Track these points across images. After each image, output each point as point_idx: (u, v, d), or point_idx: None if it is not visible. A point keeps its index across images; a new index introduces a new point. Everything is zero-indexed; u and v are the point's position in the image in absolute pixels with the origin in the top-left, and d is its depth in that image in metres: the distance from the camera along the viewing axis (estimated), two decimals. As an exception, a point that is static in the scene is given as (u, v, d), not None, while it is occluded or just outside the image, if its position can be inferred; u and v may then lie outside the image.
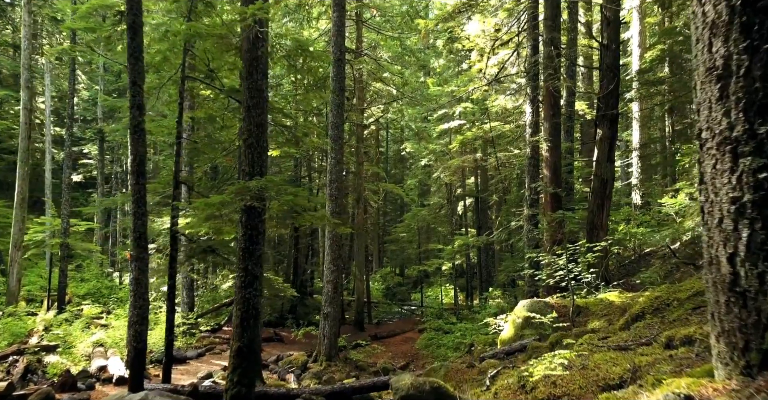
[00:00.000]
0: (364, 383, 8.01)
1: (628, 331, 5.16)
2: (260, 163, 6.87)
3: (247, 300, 6.62)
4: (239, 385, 6.38)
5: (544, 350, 6.77)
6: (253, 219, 6.72)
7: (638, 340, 4.29)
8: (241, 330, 6.56)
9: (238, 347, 6.51)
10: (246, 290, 6.65)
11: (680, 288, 5.46)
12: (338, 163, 14.22)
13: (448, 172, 24.33)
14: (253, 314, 6.63)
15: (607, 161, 11.90)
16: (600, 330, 6.47)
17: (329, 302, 14.01)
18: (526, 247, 12.98)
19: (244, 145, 6.88)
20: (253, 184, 6.28)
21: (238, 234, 6.83)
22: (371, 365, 14.73)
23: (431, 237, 32.79)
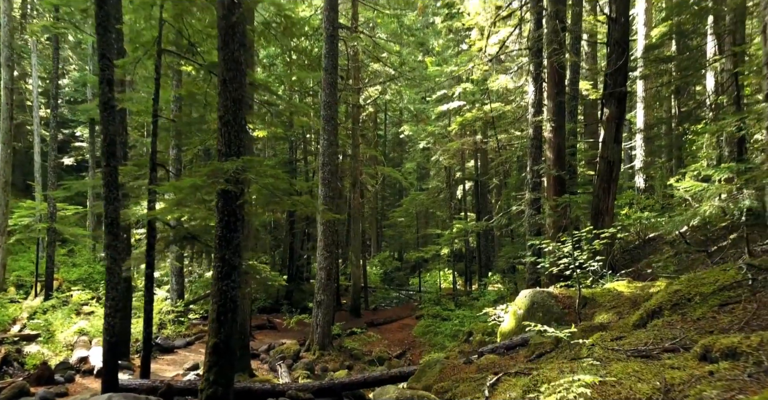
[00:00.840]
0: (354, 378, 7.50)
1: (644, 330, 4.59)
2: (237, 142, 6.24)
3: (224, 293, 6.06)
4: (215, 385, 5.85)
5: (547, 347, 6.24)
6: (230, 204, 6.12)
7: (660, 343, 3.73)
8: (217, 325, 6.01)
9: (214, 344, 5.96)
10: (223, 281, 6.08)
11: (702, 281, 4.89)
12: (331, 144, 13.58)
13: (447, 156, 23.66)
14: (230, 308, 6.07)
15: (614, 142, 11.27)
16: (610, 326, 5.91)
17: (323, 289, 13.49)
18: (528, 232, 12.41)
19: (220, 123, 6.25)
20: (228, 166, 5.67)
21: (215, 220, 6.24)
22: (366, 353, 14.28)
23: (430, 222, 32.25)
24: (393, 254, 37.28)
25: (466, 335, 14.58)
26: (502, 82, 17.50)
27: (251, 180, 5.76)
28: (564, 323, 7.36)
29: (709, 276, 4.95)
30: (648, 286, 7.45)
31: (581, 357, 3.74)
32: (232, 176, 5.84)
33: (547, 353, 6.10)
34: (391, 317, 19.98)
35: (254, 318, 18.83)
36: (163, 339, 12.97)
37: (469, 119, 19.74)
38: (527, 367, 4.83)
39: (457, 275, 27.30)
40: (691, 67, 17.53)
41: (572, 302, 7.60)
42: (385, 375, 7.35)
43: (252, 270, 8.70)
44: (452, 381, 5.93)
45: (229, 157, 6.04)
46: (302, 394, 7.25)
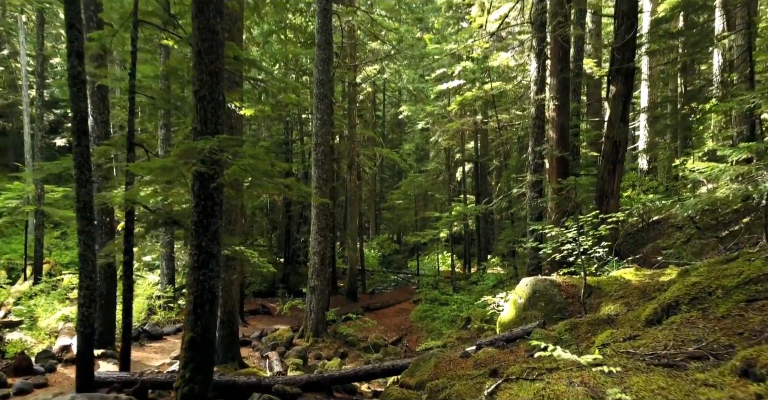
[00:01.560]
0: (345, 372, 7.09)
1: (659, 327, 4.13)
2: (214, 119, 5.71)
3: (201, 283, 5.59)
4: (192, 382, 5.42)
5: (551, 340, 5.78)
6: (206, 187, 5.62)
7: (682, 347, 3.26)
8: (194, 318, 5.55)
9: (190, 339, 5.52)
10: (200, 271, 5.61)
11: (724, 272, 4.41)
12: (324, 124, 13.02)
13: (447, 136, 23.07)
14: (208, 299, 5.61)
15: (621, 121, 10.71)
16: (619, 319, 5.46)
17: (316, 274, 13.07)
18: (529, 216, 11.93)
19: (195, 99, 5.71)
20: (201, 145, 5.15)
21: (191, 205, 5.75)
22: (362, 339, 13.92)
23: (428, 204, 31.78)
24: (392, 237, 36.88)
25: (464, 322, 14.23)
26: (503, 60, 16.85)
27: (228, 161, 5.24)
28: (567, 313, 6.92)
29: (731, 267, 4.47)
30: (657, 274, 6.98)
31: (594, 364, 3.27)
32: (207, 157, 5.32)
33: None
34: (389, 301, 19.62)
35: (248, 303, 18.50)
36: (151, 326, 12.58)
37: (468, 99, 19.13)
38: (529, 367, 4.38)
39: (455, 258, 26.94)
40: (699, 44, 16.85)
41: (576, 291, 7.15)
42: (377, 369, 6.94)
43: (240, 256, 8.23)
44: (447, 379, 5.49)
45: (205, 136, 5.52)
46: (290, 388, 6.84)
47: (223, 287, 10.09)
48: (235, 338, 10.22)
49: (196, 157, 5.25)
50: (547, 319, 6.97)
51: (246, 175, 5.58)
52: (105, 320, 10.85)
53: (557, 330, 5.85)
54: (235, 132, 10.17)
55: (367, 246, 31.54)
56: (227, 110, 10.01)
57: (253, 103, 9.32)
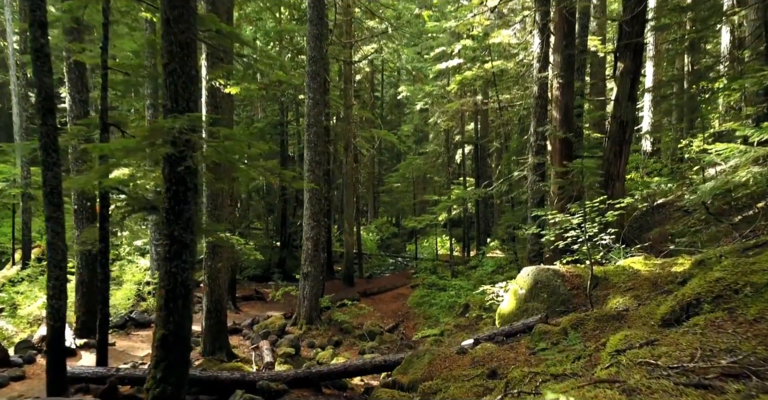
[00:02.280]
0: (334, 367, 6.66)
1: (679, 329, 3.65)
2: (186, 96, 5.16)
3: (173, 276, 5.11)
4: (164, 383, 4.98)
5: (554, 337, 5.33)
6: (178, 171, 5.10)
7: (712, 359, 2.79)
8: (166, 314, 5.08)
9: (162, 336, 5.06)
10: (172, 262, 5.12)
11: (752, 267, 3.93)
12: (317, 104, 12.43)
13: (446, 117, 22.44)
14: (181, 294, 5.13)
15: (628, 100, 10.16)
16: (629, 315, 4.99)
17: (309, 260, 12.62)
18: (530, 200, 11.43)
19: (164, 73, 5.16)
20: (170, 124, 4.62)
21: (162, 190, 5.24)
22: (357, 327, 13.53)
23: (427, 187, 31.25)
24: (390, 220, 36.43)
25: (462, 308, 13.82)
26: (504, 37, 16.16)
27: (200, 142, 4.72)
28: (571, 306, 6.46)
29: (760, 261, 3.99)
30: (669, 263, 6.51)
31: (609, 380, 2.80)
32: (176, 137, 4.80)
33: (554, 344, 5.21)
34: (386, 286, 19.22)
35: (242, 289, 18.11)
36: (138, 313, 12.17)
37: (468, 78, 18.46)
38: (532, 372, 3.92)
39: (454, 242, 26.50)
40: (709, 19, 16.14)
41: (581, 281, 6.69)
42: (367, 364, 6.51)
43: (225, 244, 7.75)
44: (442, 380, 5.05)
45: (177, 114, 4.98)
46: (275, 385, 6.42)
47: (210, 275, 9.65)
48: (223, 328, 9.81)
49: (164, 137, 4.72)
50: (549, 311, 6.52)
51: (219, 157, 5.06)
52: (88, 309, 10.44)
53: (562, 326, 5.39)
54: (220, 111, 9.62)
55: (365, 229, 31.11)
56: (212, 88, 9.45)
57: (238, 81, 8.72)
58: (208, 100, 9.48)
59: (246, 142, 5.01)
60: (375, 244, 29.98)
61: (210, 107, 9.50)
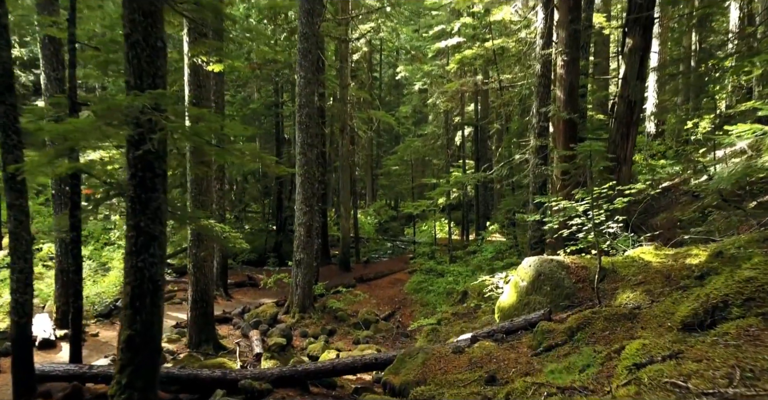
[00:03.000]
0: (321, 365, 6.22)
1: (707, 339, 3.18)
2: (151, 71, 4.62)
3: (140, 271, 4.63)
4: (130, 389, 4.53)
5: (559, 337, 4.87)
6: (145, 155, 4.59)
7: (756, 384, 2.33)
8: (131, 313, 4.61)
9: (128, 337, 4.59)
10: (138, 256, 4.64)
11: (787, 265, 3.45)
12: (309, 83, 11.84)
13: (445, 98, 21.79)
14: (149, 290, 4.66)
15: (637, 79, 9.60)
16: (642, 315, 4.52)
17: (302, 247, 12.16)
18: (532, 185, 10.93)
19: (126, 45, 4.61)
20: (129, 102, 4.09)
21: (126, 176, 4.73)
22: (352, 315, 13.14)
23: (426, 170, 30.68)
24: (389, 203, 35.93)
25: (460, 296, 13.40)
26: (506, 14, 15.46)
27: (162, 123, 4.19)
28: (577, 301, 6.00)
29: (797, 258, 3.50)
30: (682, 254, 6.03)
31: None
32: (138, 118, 4.27)
33: (559, 345, 4.76)
34: (383, 271, 18.81)
35: (235, 275, 17.71)
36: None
37: (468, 57, 17.77)
38: (536, 383, 3.46)
39: (453, 225, 26.03)
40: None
41: (587, 273, 6.21)
42: (357, 362, 6.08)
43: (207, 232, 7.26)
44: (436, 384, 4.61)
45: (140, 91, 4.44)
46: (258, 384, 5.99)
47: (195, 264, 9.21)
48: (210, 318, 9.39)
49: (123, 117, 4.19)
50: (553, 306, 6.07)
51: (187, 140, 4.54)
52: (68, 298, 9.98)
53: (567, 325, 4.93)
54: (204, 91, 9.06)
55: (363, 213, 30.63)
56: (194, 66, 8.88)
57: (222, 58, 8.14)
58: (191, 78, 8.92)
59: (219, 123, 4.49)
60: (373, 228, 29.53)
61: (193, 86, 8.94)
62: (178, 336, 9.62)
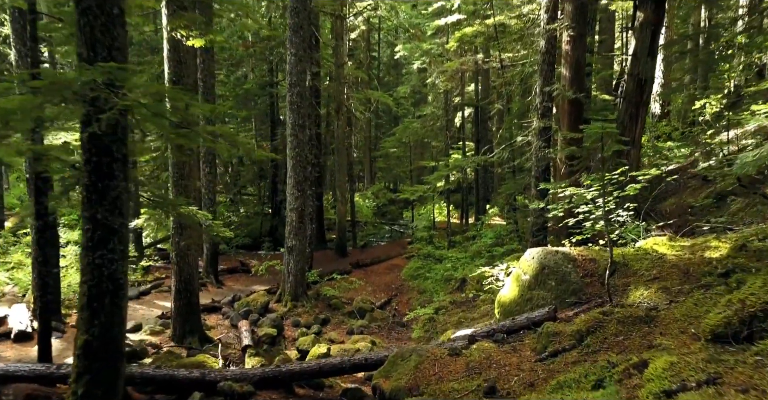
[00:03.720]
0: (307, 366, 5.76)
1: (748, 358, 2.68)
2: (107, 41, 4.04)
3: (97, 268, 4.13)
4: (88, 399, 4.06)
5: (566, 341, 4.39)
6: (100, 138, 4.04)
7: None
8: (89, 315, 4.12)
9: (85, 343, 4.11)
10: (95, 252, 4.13)
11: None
12: (300, 61, 11.21)
13: (445, 78, 21.05)
14: (108, 290, 4.16)
15: (648, 56, 8.98)
16: (663, 320, 4.03)
17: (294, 233, 11.67)
18: (534, 168, 10.37)
19: (77, 12, 4.03)
20: (74, 76, 3.53)
21: (81, 162, 4.19)
22: (346, 302, 12.72)
23: (425, 153, 30.04)
24: (388, 185, 35.35)
25: (458, 283, 12.96)
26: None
27: (113, 101, 3.64)
28: (584, 297, 5.51)
29: None
30: (699, 246, 5.52)
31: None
32: (88, 94, 3.72)
33: (566, 350, 4.28)
34: (380, 256, 18.37)
35: (227, 260, 17.25)
36: (109, 290, 11.26)
37: (468, 35, 17.04)
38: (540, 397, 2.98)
39: (452, 208, 25.49)
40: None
41: (596, 267, 5.72)
42: (345, 363, 5.62)
43: (188, 220, 6.74)
44: (430, 395, 4.13)
45: (92, 65, 3.88)
46: (239, 386, 5.55)
47: (178, 253, 8.72)
48: (195, 309, 8.93)
49: (72, 94, 3.64)
50: (558, 302, 5.58)
51: (144, 121, 3.99)
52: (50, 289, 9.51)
53: (575, 327, 4.44)
54: (185, 68, 8.45)
55: (361, 196, 30.10)
56: (174, 41, 8.26)
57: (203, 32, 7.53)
58: (171, 54, 8.30)
59: (184, 101, 3.94)
60: (371, 211, 29.02)
61: (173, 63, 8.33)
62: (161, 328, 9.17)
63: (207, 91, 13.46)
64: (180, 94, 3.89)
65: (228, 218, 24.01)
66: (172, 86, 8.35)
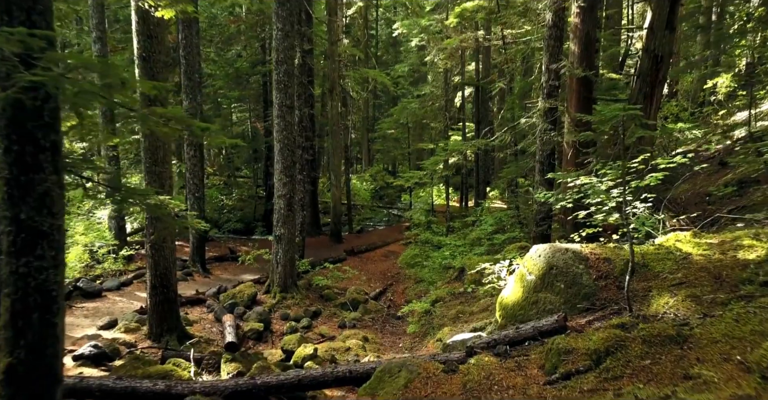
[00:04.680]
0: (285, 378, 5.13)
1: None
2: (24, 4, 3.30)
3: (22, 278, 3.45)
4: (14, 434, 3.42)
5: (581, 361, 3.74)
6: (24, 123, 3.34)
7: None
8: (13, 335, 3.45)
9: (9, 366, 3.45)
10: (19, 259, 3.45)
11: None
12: (287, 36, 10.39)
13: (444, 55, 20.17)
14: (36, 304, 3.49)
15: (666, 29, 8.17)
16: (700, 342, 3.37)
17: (282, 221, 11.01)
18: (539, 153, 9.66)
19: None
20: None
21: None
22: (339, 293, 12.12)
23: (423, 134, 29.20)
24: (387, 167, 34.56)
25: (457, 272, 12.33)
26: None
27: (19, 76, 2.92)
28: (598, 303, 4.84)
29: None
30: (729, 244, 4.85)
31: None
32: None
33: (581, 373, 3.63)
34: (376, 242, 17.75)
35: (217, 247, 16.62)
36: (87, 281, 10.63)
37: (469, 9, 16.16)
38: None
39: (452, 190, 24.76)
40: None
41: (611, 268, 5.04)
42: (328, 375, 4.99)
43: (156, 212, 6.04)
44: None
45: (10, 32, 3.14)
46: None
47: (153, 245, 8.06)
48: (173, 306, 8.30)
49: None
50: (567, 308, 4.93)
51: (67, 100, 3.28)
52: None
53: (592, 345, 3.78)
54: (155, 43, 7.66)
55: (358, 178, 29.37)
56: (142, 12, 7.47)
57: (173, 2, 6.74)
58: (139, 27, 7.52)
59: (119, 78, 3.23)
60: (369, 194, 28.33)
61: (142, 37, 7.55)
62: (137, 325, 8.55)
63: (190, 69, 12.66)
64: (113, 69, 3.19)
65: (220, 201, 23.34)
66: (142, 63, 7.60)
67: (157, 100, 7.50)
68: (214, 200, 22.90)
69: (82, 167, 4.76)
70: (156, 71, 7.56)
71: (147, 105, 7.58)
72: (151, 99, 7.64)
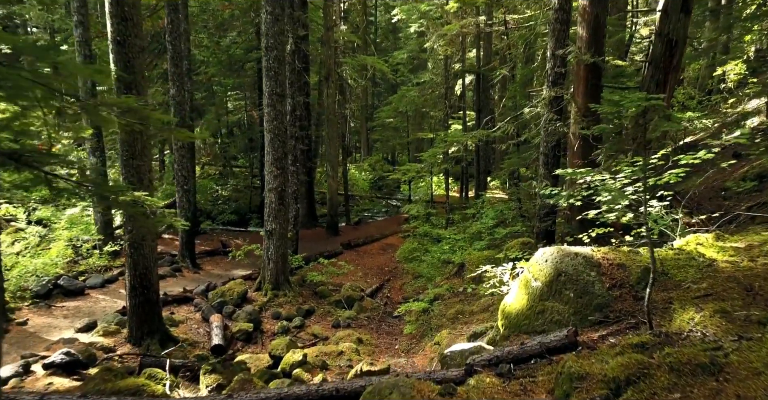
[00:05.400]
0: (265, 395, 4.65)
1: None
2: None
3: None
4: None
5: (596, 390, 3.26)
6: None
7: None
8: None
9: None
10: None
11: None
12: (277, 20, 9.81)
13: (444, 42, 19.53)
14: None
15: (682, 11, 7.60)
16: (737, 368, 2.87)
17: (274, 216, 10.52)
18: (543, 144, 9.12)
19: None
20: None
21: None
22: (334, 289, 11.67)
23: (423, 123, 28.57)
24: (386, 156, 33.98)
25: (457, 268, 11.87)
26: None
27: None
28: (612, 316, 4.35)
29: None
30: (759, 249, 4.36)
31: None
32: None
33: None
34: (373, 235, 17.28)
35: (209, 241, 16.14)
36: (68, 279, 10.15)
37: (470, -7, 15.51)
38: None
39: (452, 181, 24.21)
40: None
41: (626, 275, 4.55)
42: (312, 394, 4.52)
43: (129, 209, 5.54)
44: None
45: None
46: (180, 421, 4.45)
47: (132, 244, 7.57)
48: (155, 307, 7.82)
49: None
50: (578, 320, 4.44)
51: None
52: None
53: (609, 373, 3.29)
54: (130, 25, 7.09)
55: (357, 168, 28.82)
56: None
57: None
58: (113, 9, 6.95)
59: (51, 60, 2.70)
60: (368, 184, 27.79)
61: (116, 19, 6.99)
62: (117, 327, 8.09)
63: (177, 56, 12.08)
64: (45, 52, 2.67)
65: (215, 192, 22.82)
66: (116, 47, 7.05)
67: (132, 87, 6.97)
68: (209, 191, 22.39)
69: (43, 161, 4.26)
70: (131, 56, 7.00)
71: (124, 93, 7.06)
72: (128, 86, 7.12)
